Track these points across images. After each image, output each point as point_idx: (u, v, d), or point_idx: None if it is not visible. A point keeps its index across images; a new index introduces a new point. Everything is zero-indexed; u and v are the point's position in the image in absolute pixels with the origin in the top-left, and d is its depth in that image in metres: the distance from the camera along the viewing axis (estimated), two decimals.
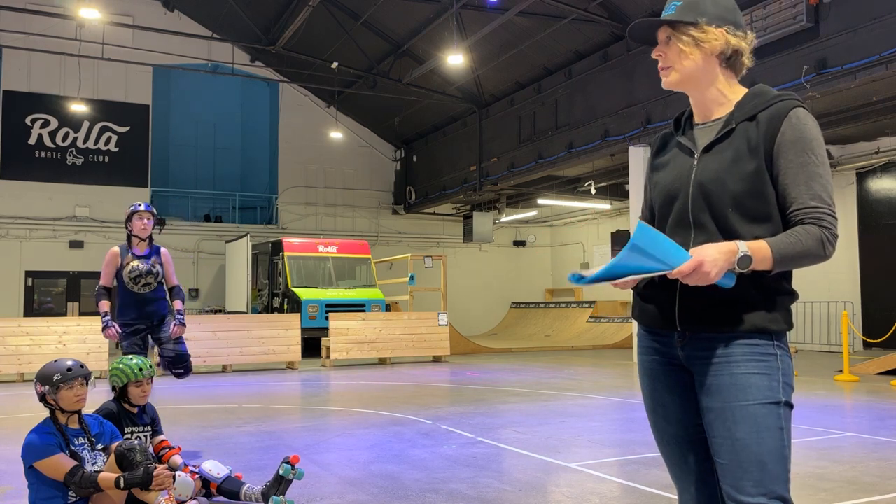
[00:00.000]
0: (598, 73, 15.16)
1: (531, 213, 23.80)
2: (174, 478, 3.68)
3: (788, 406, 1.88)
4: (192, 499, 3.87)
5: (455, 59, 13.99)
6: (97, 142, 20.47)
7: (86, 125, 20.32)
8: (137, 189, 20.69)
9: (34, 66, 19.57)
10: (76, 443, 3.67)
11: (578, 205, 22.01)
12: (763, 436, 1.83)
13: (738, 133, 1.93)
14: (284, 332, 13.55)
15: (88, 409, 4.01)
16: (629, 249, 1.70)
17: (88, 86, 19.99)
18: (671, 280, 1.90)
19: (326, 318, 14.78)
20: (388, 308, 17.20)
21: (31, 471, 3.57)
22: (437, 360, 14.77)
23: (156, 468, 3.56)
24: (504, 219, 23.49)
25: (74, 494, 3.58)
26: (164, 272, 5.87)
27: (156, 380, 4.71)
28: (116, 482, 3.49)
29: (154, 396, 5.00)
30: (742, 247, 1.76)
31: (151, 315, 5.74)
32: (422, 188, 22.64)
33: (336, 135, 21.40)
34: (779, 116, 1.89)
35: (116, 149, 20.65)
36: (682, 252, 1.74)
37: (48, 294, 19.95)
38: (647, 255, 1.72)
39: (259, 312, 17.86)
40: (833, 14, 10.44)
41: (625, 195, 18.50)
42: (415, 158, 23.17)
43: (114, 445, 3.71)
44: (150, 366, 4.42)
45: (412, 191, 23.14)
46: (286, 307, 16.40)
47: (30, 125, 19.77)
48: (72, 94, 19.41)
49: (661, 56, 2.03)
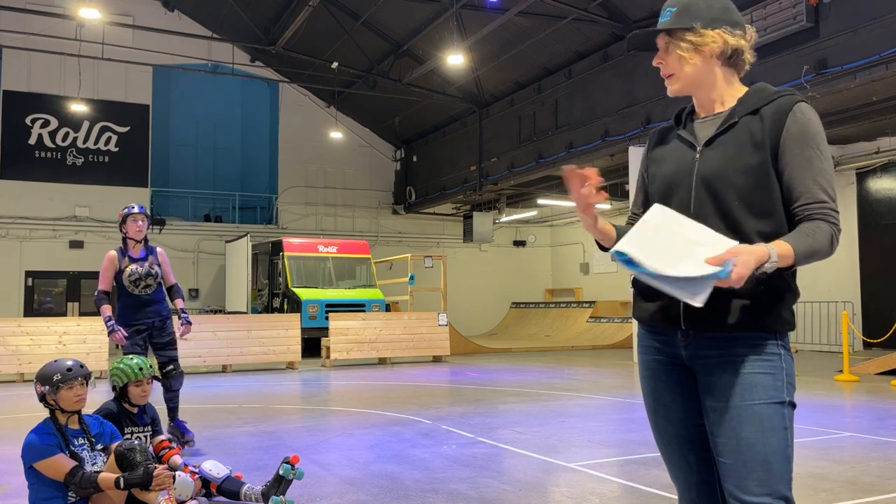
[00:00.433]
0: (598, 74, 15.16)
1: (531, 213, 23.79)
2: (174, 478, 3.68)
3: (792, 406, 1.88)
4: (192, 499, 3.87)
5: (455, 59, 13.99)
6: (97, 142, 20.47)
7: (86, 125, 20.33)
8: (137, 189, 20.68)
9: (34, 66, 19.57)
10: (76, 443, 3.66)
11: None
12: (768, 436, 1.83)
13: (741, 127, 1.94)
14: (284, 332, 13.55)
15: (88, 409, 4.01)
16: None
17: (88, 86, 19.99)
18: None
19: (326, 318, 14.78)
20: (388, 308, 17.19)
21: (31, 471, 3.57)
22: (437, 361, 14.77)
23: (156, 468, 3.56)
24: (504, 219, 23.49)
25: (74, 495, 3.58)
26: (162, 272, 5.93)
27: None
28: (116, 482, 3.49)
29: (154, 397, 5.01)
30: (773, 254, 1.72)
31: (153, 315, 5.83)
32: (422, 188, 22.63)
33: (336, 135, 21.40)
34: (783, 111, 1.90)
35: (116, 149, 20.65)
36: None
37: (48, 294, 19.95)
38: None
39: (259, 312, 17.86)
40: (833, 14, 10.44)
41: (625, 195, 18.49)
42: (415, 158, 23.17)
43: (114, 445, 3.71)
44: (151, 366, 4.43)
45: (412, 191, 23.13)
46: (286, 307, 16.40)
47: (30, 125, 19.77)
48: (72, 94, 19.41)
49: (662, 64, 2.04)
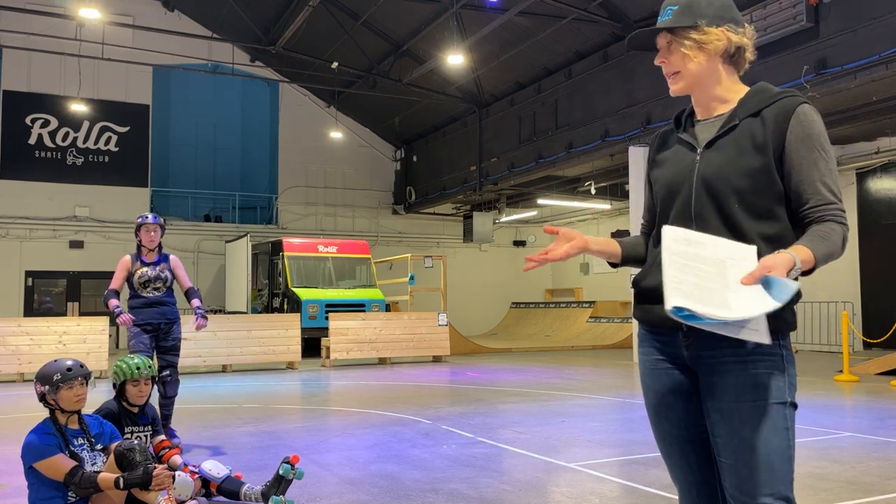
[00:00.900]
0: (598, 73, 15.16)
1: (531, 213, 23.79)
2: (174, 478, 3.68)
3: (793, 406, 1.88)
4: (192, 499, 3.87)
5: (455, 59, 13.99)
6: (97, 142, 20.47)
7: (86, 125, 20.32)
8: (137, 189, 20.69)
9: (34, 66, 19.56)
10: (76, 443, 3.66)
11: (578, 205, 22.01)
12: (770, 436, 1.82)
13: (742, 129, 1.93)
14: (284, 332, 13.55)
15: (88, 409, 4.00)
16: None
17: (88, 86, 19.99)
18: None
19: (326, 318, 14.78)
20: (388, 308, 17.19)
21: (31, 471, 3.57)
22: (437, 360, 14.77)
23: (155, 468, 3.56)
24: (504, 219, 23.49)
25: (74, 495, 3.58)
26: (177, 276, 6.17)
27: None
28: (116, 482, 3.49)
29: (154, 397, 5.00)
30: (797, 261, 1.71)
31: (159, 317, 6.01)
32: (422, 188, 22.63)
33: (336, 135, 21.40)
34: (786, 114, 1.89)
35: (116, 149, 20.65)
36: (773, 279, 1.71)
37: (48, 294, 19.94)
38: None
39: (259, 312, 17.86)
40: (833, 14, 10.43)
41: (625, 195, 18.49)
42: (415, 158, 23.17)
43: (113, 445, 3.71)
44: (150, 366, 4.42)
45: (412, 191, 23.13)
46: (286, 307, 16.40)
47: (30, 125, 19.77)
48: (72, 94, 19.41)
49: (665, 63, 2.02)
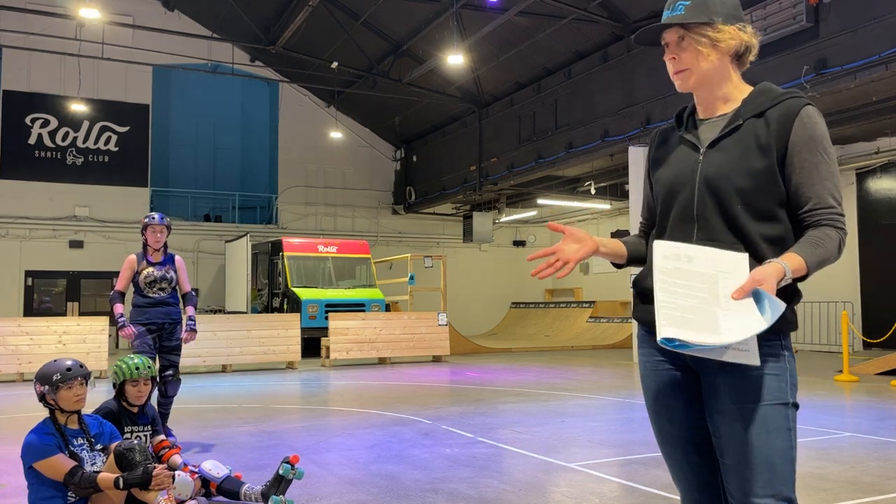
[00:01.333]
0: (598, 73, 15.15)
1: (531, 213, 23.78)
2: (174, 477, 3.68)
3: (795, 407, 1.88)
4: (192, 499, 3.87)
5: (455, 59, 13.98)
6: (97, 141, 20.46)
7: (86, 125, 20.32)
8: (137, 189, 20.69)
9: (34, 66, 19.56)
10: (75, 443, 3.66)
11: (578, 205, 22.00)
12: (772, 437, 1.82)
13: (746, 129, 1.91)
14: (284, 332, 13.55)
15: (88, 409, 4.00)
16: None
17: (88, 85, 19.99)
18: None
19: (326, 318, 14.78)
20: (388, 308, 17.19)
21: (31, 471, 3.57)
22: (437, 360, 14.77)
23: (155, 468, 3.55)
24: (504, 219, 23.48)
25: (74, 495, 3.58)
26: (178, 279, 6.17)
27: None
28: (116, 482, 3.48)
29: (153, 397, 4.99)
30: (788, 270, 1.73)
31: (163, 317, 6.04)
32: (421, 188, 22.63)
33: (336, 135, 21.40)
34: (790, 115, 1.88)
35: (116, 148, 20.64)
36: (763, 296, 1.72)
37: (48, 294, 19.94)
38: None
39: (259, 312, 17.85)
40: (833, 14, 10.43)
41: (624, 195, 18.49)
42: (415, 158, 23.17)
43: (113, 445, 3.71)
44: (150, 366, 4.41)
45: (412, 191, 23.13)
46: (286, 307, 16.40)
47: (30, 125, 19.76)
48: (72, 94, 19.40)
49: (675, 59, 1.97)
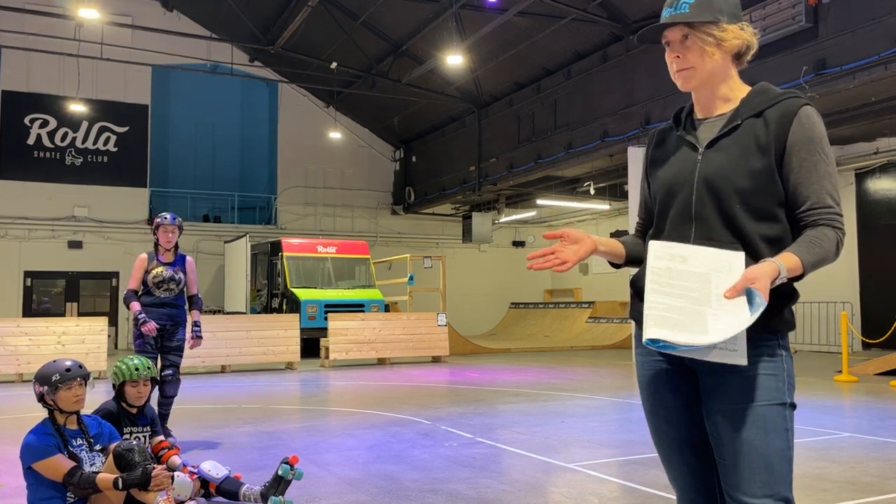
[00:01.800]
0: (598, 74, 15.16)
1: (530, 214, 23.79)
2: (173, 478, 3.67)
3: (793, 407, 1.88)
4: (191, 499, 3.87)
5: (454, 60, 13.99)
6: (96, 142, 20.46)
7: (85, 125, 20.31)
8: (136, 189, 20.69)
9: (33, 67, 19.55)
10: (74, 443, 3.66)
11: (577, 205, 22.00)
12: (770, 437, 1.82)
13: (745, 129, 1.91)
14: (283, 333, 13.54)
15: (87, 410, 4.00)
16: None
17: (87, 86, 19.98)
18: None
19: (325, 319, 14.77)
20: (388, 308, 17.18)
21: (30, 471, 3.56)
22: (437, 361, 14.76)
23: (154, 469, 3.55)
24: (503, 219, 23.48)
25: (73, 495, 3.58)
26: (187, 280, 6.16)
27: None
28: (115, 483, 3.48)
29: (153, 398, 4.99)
30: (783, 270, 1.73)
31: (166, 318, 6.03)
32: (421, 188, 22.63)
33: (335, 135, 21.39)
34: (788, 115, 1.88)
35: (115, 149, 20.64)
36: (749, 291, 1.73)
37: (47, 294, 19.93)
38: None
39: (258, 313, 17.84)
40: (832, 14, 10.44)
41: (624, 196, 18.49)
42: (414, 159, 23.16)
43: (112, 446, 3.71)
44: (149, 367, 4.41)
45: (411, 191, 23.13)
46: (285, 307, 16.39)
47: (29, 125, 19.76)
48: (71, 95, 19.39)
49: (679, 57, 1.95)
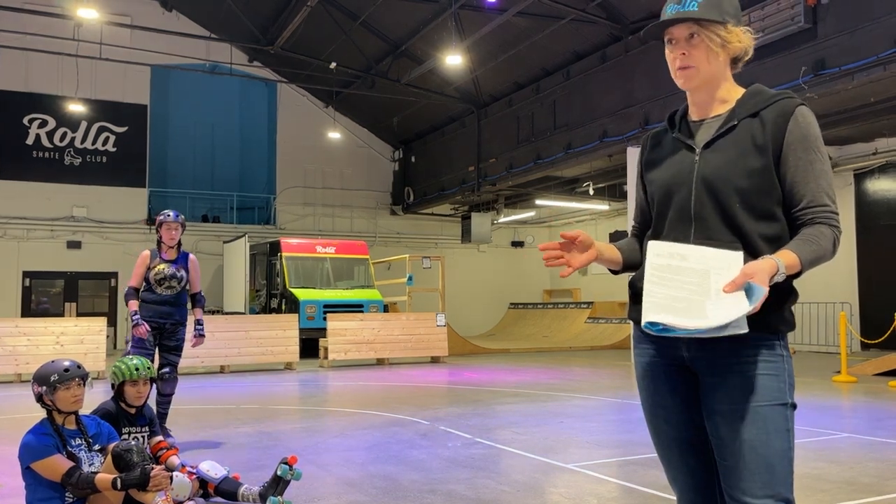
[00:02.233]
0: (597, 74, 15.16)
1: (529, 214, 23.79)
2: (171, 478, 3.67)
3: (793, 407, 1.88)
4: (190, 499, 3.87)
5: (453, 60, 13.99)
6: (95, 142, 20.45)
7: (83, 125, 20.30)
8: (135, 189, 20.68)
9: (32, 66, 19.53)
10: (73, 443, 3.66)
11: (577, 205, 22.01)
12: (771, 437, 1.82)
13: (741, 129, 1.92)
14: (282, 333, 13.54)
15: (86, 410, 4.00)
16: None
17: (86, 86, 19.97)
18: None
19: (324, 319, 14.77)
20: (387, 309, 17.18)
21: (29, 471, 3.56)
22: (436, 361, 14.76)
23: (153, 469, 3.55)
24: (502, 219, 23.49)
25: (72, 495, 3.57)
26: (189, 278, 6.11)
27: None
28: (113, 483, 3.48)
29: (151, 397, 4.99)
30: (781, 266, 1.73)
31: (166, 317, 5.98)
32: (420, 189, 22.62)
33: (334, 135, 21.39)
34: (785, 115, 1.89)
35: (114, 149, 20.63)
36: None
37: (46, 294, 19.91)
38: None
39: (257, 313, 17.84)
40: (831, 15, 10.44)
41: (623, 196, 18.51)
42: (413, 159, 23.16)
43: (111, 446, 3.70)
44: (149, 367, 4.41)
45: (410, 191, 23.12)
46: (284, 308, 16.38)
47: (27, 125, 19.74)
48: (69, 94, 19.38)
49: (685, 55, 1.94)
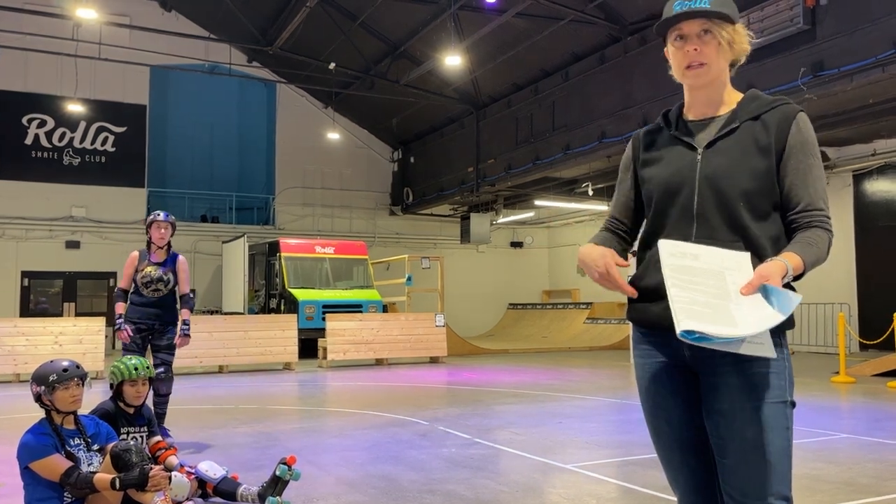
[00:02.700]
0: (596, 75, 15.17)
1: (528, 215, 23.79)
2: (170, 478, 3.67)
3: (793, 405, 1.89)
4: (189, 499, 3.87)
5: (452, 61, 13.99)
6: (94, 142, 20.43)
7: (82, 125, 20.29)
8: (134, 189, 20.66)
9: (31, 66, 19.51)
10: (72, 443, 3.66)
11: (575, 206, 22.01)
12: (772, 436, 1.83)
13: (744, 131, 1.94)
14: (281, 333, 13.54)
15: (84, 410, 4.00)
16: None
17: (85, 86, 19.95)
18: None
19: (323, 319, 14.77)
20: (386, 309, 17.18)
21: (27, 471, 3.56)
22: (435, 361, 14.76)
23: (151, 469, 3.55)
24: (501, 220, 23.48)
25: (70, 495, 3.57)
26: (178, 279, 6.07)
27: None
28: (112, 483, 3.48)
29: (150, 398, 4.99)
30: (789, 268, 1.76)
31: (154, 318, 5.95)
32: (419, 189, 22.62)
33: (333, 136, 21.38)
34: (787, 119, 1.93)
35: (113, 149, 20.61)
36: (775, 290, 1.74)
37: (44, 294, 19.89)
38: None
39: (256, 313, 17.83)
40: (829, 16, 10.45)
41: None
42: (412, 159, 23.16)
43: (110, 446, 3.70)
44: (148, 367, 4.41)
45: (409, 192, 23.12)
46: (283, 308, 16.38)
47: (26, 125, 19.72)
48: (68, 95, 19.36)
49: (697, 50, 1.93)
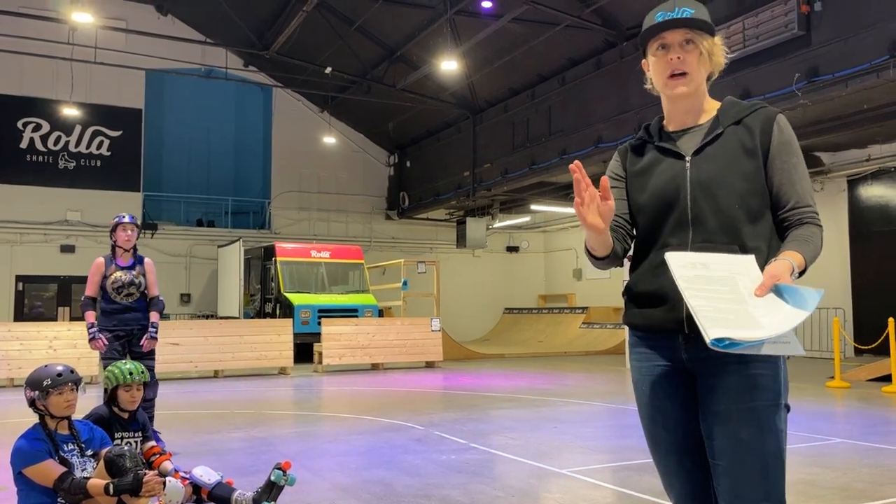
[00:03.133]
0: (592, 80, 15.20)
1: (524, 219, 23.82)
2: (164, 484, 3.65)
3: (787, 408, 1.90)
4: None
5: (449, 65, 14.03)
6: (89, 146, 20.40)
7: (78, 129, 20.26)
8: (129, 193, 20.61)
9: (26, 70, 19.48)
10: (66, 449, 3.63)
11: (571, 211, 22.01)
12: (766, 438, 1.84)
13: (729, 136, 1.96)
14: (277, 338, 13.51)
15: (79, 415, 3.98)
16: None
17: (81, 90, 19.91)
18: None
19: (319, 324, 14.74)
20: (381, 313, 17.17)
21: (21, 477, 3.54)
22: (430, 366, 14.75)
23: (145, 474, 3.53)
24: (497, 224, 23.50)
25: (64, 500, 3.55)
26: (147, 282, 5.96)
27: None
28: (106, 488, 3.46)
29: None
30: (794, 266, 1.78)
31: (132, 323, 5.88)
32: (415, 193, 22.63)
33: (329, 140, 21.38)
34: (769, 121, 1.97)
35: (108, 153, 20.58)
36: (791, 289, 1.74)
37: (39, 298, 19.83)
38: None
39: (251, 318, 17.80)
40: (824, 22, 10.50)
41: None
42: (408, 164, 23.17)
43: (104, 451, 3.68)
44: (143, 371, 4.40)
45: (406, 196, 23.13)
46: (278, 312, 16.35)
47: (21, 129, 19.69)
48: (64, 98, 19.33)
49: (680, 59, 1.94)
